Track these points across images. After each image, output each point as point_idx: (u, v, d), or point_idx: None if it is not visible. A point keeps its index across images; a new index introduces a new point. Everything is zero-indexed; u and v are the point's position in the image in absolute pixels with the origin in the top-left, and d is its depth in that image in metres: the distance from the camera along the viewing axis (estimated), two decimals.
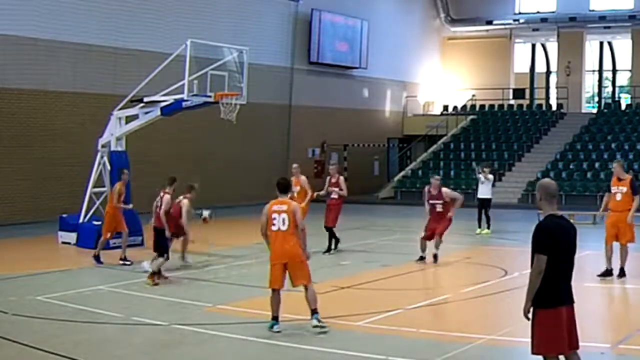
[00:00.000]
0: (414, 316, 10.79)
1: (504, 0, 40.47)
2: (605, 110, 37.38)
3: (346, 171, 34.73)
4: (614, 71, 43.33)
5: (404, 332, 9.71)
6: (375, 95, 37.97)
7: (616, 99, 41.27)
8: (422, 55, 40.77)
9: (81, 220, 18.13)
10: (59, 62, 23.79)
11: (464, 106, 40.12)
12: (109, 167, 18.28)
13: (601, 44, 42.16)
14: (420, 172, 34.32)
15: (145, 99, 18.07)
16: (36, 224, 21.89)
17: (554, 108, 38.76)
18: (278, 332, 9.57)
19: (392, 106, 39.29)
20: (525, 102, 40.03)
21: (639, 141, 32.64)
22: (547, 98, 42.35)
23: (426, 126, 37.64)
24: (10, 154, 22.77)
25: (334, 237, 16.98)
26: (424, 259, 15.38)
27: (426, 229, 15.55)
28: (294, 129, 33.05)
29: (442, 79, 41.96)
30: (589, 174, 31.22)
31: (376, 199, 33.16)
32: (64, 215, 18.72)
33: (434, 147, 36.40)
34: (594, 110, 39.34)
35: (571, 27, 38.63)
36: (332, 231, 16.90)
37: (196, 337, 9.61)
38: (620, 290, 13.05)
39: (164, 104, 17.74)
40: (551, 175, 31.22)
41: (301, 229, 9.73)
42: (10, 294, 12.21)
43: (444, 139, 36.67)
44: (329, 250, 16.80)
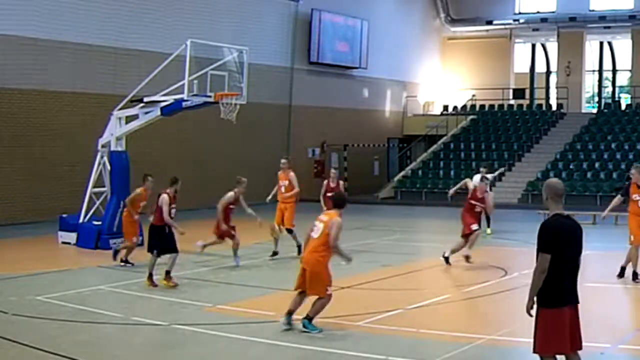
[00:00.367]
0: (414, 316, 10.78)
1: (504, 0, 40.47)
2: (605, 110, 37.38)
3: (346, 171, 34.76)
4: (614, 71, 43.32)
5: (404, 332, 9.71)
6: (375, 95, 37.97)
7: (616, 99, 41.26)
8: (422, 55, 40.77)
9: (81, 220, 18.13)
10: (59, 62, 23.77)
11: (464, 106, 40.12)
12: (109, 167, 18.28)
13: (601, 44, 42.15)
14: (420, 172, 34.33)
15: (145, 99, 18.06)
16: (36, 224, 21.88)
17: (554, 108, 38.76)
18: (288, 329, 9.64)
19: (392, 106, 39.29)
20: (525, 102, 40.04)
21: (639, 141, 32.64)
22: (547, 98, 42.34)
23: (426, 126, 37.64)
24: (10, 154, 22.77)
25: None
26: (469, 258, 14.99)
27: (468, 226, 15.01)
28: (294, 129, 33.04)
29: (442, 79, 41.96)
30: (589, 174, 31.23)
31: (376, 199, 33.16)
32: (64, 215, 18.71)
33: (434, 147, 36.41)
34: (594, 110, 39.33)
35: (571, 27, 38.63)
36: None
37: (196, 337, 9.60)
38: (620, 290, 13.04)
39: (164, 104, 17.73)
40: (551, 175, 31.24)
41: (332, 246, 9.64)
42: (10, 294, 12.21)
43: (444, 139, 36.67)
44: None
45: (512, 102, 40.02)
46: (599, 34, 39.70)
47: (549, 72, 43.27)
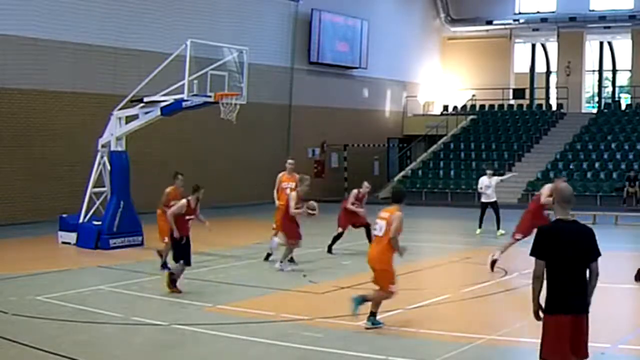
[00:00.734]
0: (414, 316, 10.78)
1: (504, 0, 40.48)
2: (605, 110, 37.39)
3: (346, 171, 34.78)
4: (614, 71, 43.31)
5: (404, 332, 9.71)
6: (375, 95, 37.97)
7: (616, 99, 41.27)
8: (422, 55, 40.77)
9: (81, 220, 18.12)
10: (59, 62, 23.78)
11: (464, 106, 40.13)
12: (109, 167, 18.27)
13: (601, 44, 42.15)
14: (420, 172, 34.35)
15: (145, 99, 18.05)
16: (36, 224, 21.88)
17: (554, 108, 38.77)
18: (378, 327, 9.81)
19: (392, 106, 39.29)
20: (525, 102, 40.04)
21: (639, 141, 32.65)
22: (547, 98, 42.35)
23: (426, 126, 37.64)
24: (10, 154, 22.77)
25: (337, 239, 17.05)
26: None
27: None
28: (294, 129, 33.04)
29: (442, 79, 41.96)
30: (589, 174, 31.23)
31: (376, 199, 33.12)
32: (64, 215, 18.70)
33: (434, 147, 36.42)
34: (594, 110, 39.34)
35: (571, 27, 38.63)
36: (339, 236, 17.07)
37: (196, 337, 9.60)
38: (620, 290, 13.04)
39: (164, 104, 17.72)
40: (551, 175, 31.25)
41: (392, 237, 9.79)
42: (10, 294, 12.20)
43: (444, 139, 36.69)
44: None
45: (512, 102, 40.02)
46: (599, 34, 39.71)
47: (549, 72, 43.27)
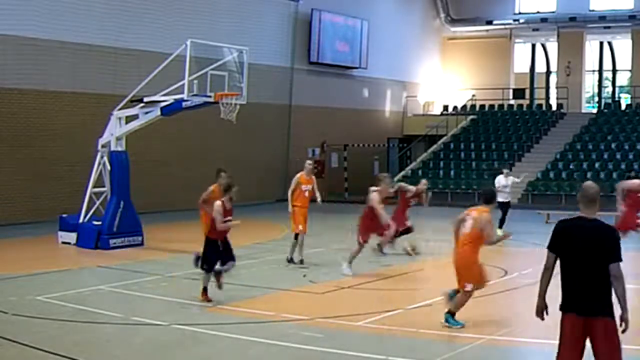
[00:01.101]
0: (414, 316, 10.79)
1: (504, 0, 40.47)
2: (605, 110, 37.39)
3: (346, 171, 34.77)
4: (614, 71, 43.31)
5: (404, 332, 9.71)
6: (375, 95, 37.97)
7: (616, 99, 41.26)
8: (422, 55, 40.76)
9: (81, 220, 18.11)
10: (59, 62, 23.78)
11: (464, 106, 40.13)
12: (109, 167, 18.27)
13: (601, 44, 42.14)
14: (420, 172, 34.31)
15: (145, 99, 18.05)
16: (36, 224, 21.87)
17: (554, 108, 38.76)
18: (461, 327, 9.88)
19: (392, 106, 39.29)
20: (525, 102, 40.04)
21: (639, 141, 32.64)
22: (547, 98, 42.34)
23: (426, 126, 37.64)
24: (10, 153, 22.77)
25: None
26: None
27: None
28: (294, 129, 33.04)
29: (442, 79, 41.95)
30: (589, 174, 31.20)
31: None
32: (64, 215, 18.70)
33: (434, 147, 36.41)
34: (594, 110, 39.33)
35: (571, 27, 38.62)
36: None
37: (196, 337, 9.60)
38: None
39: (164, 104, 17.72)
40: (551, 175, 31.26)
41: (490, 243, 10.14)
42: (10, 294, 12.20)
43: (444, 139, 36.68)
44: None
45: (512, 102, 40.02)
46: (599, 34, 39.70)
47: (549, 72, 43.27)
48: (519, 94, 40.09)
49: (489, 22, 40.51)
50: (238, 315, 10.75)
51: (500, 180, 20.95)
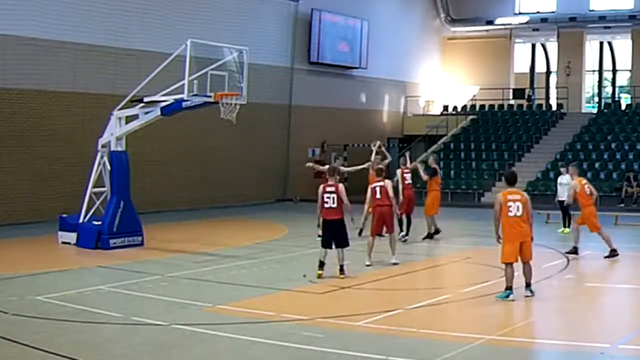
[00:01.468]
0: (414, 316, 10.78)
1: (504, 0, 40.48)
2: (605, 110, 37.38)
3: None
4: (614, 71, 43.32)
5: (404, 332, 9.70)
6: (375, 95, 37.97)
7: (616, 99, 41.26)
8: (422, 55, 40.77)
9: (81, 220, 18.11)
10: (59, 62, 23.78)
11: (464, 106, 40.13)
12: (109, 167, 18.27)
13: (601, 44, 42.15)
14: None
15: (145, 99, 18.05)
16: (36, 224, 21.88)
17: (554, 108, 38.77)
18: (513, 300, 11.00)
19: (391, 106, 39.29)
20: (525, 102, 40.03)
21: (639, 141, 32.63)
22: (547, 98, 42.35)
23: (426, 126, 37.64)
24: (10, 154, 22.77)
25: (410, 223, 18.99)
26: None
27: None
28: (294, 129, 33.04)
29: (442, 79, 41.96)
30: (589, 174, 31.15)
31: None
32: (64, 215, 18.70)
33: (434, 147, 36.41)
34: (594, 110, 39.34)
35: (571, 27, 38.63)
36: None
37: (196, 337, 9.60)
38: (620, 290, 13.05)
39: (164, 104, 17.72)
40: (551, 175, 31.23)
41: (531, 221, 11.77)
42: (10, 294, 12.20)
43: (444, 139, 36.69)
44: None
45: (512, 102, 40.02)
46: (599, 34, 39.70)
47: (549, 72, 43.28)
48: (519, 94, 40.10)
49: (489, 22, 40.52)
50: (238, 315, 10.75)
51: (567, 178, 20.72)
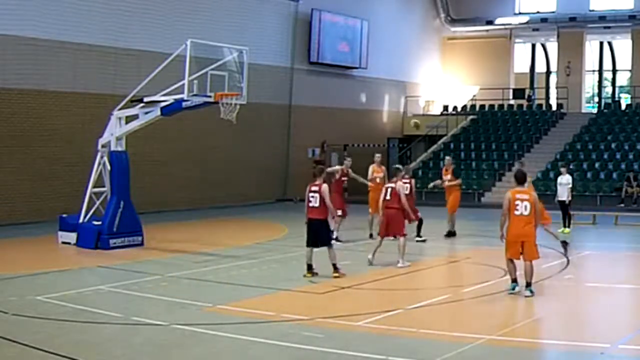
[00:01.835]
0: (414, 316, 10.78)
1: (504, 0, 40.48)
2: (605, 110, 37.39)
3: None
4: (614, 71, 43.32)
5: (404, 332, 9.71)
6: (375, 95, 37.97)
7: (616, 99, 41.27)
8: (422, 55, 40.77)
9: (81, 220, 18.11)
10: (59, 62, 23.77)
11: (464, 106, 40.13)
12: (109, 167, 18.27)
13: (601, 44, 42.16)
14: (420, 172, 34.31)
15: (145, 99, 18.04)
16: (36, 224, 21.88)
17: (554, 108, 38.78)
18: (518, 292, 11.48)
19: (391, 106, 39.29)
20: (525, 102, 40.04)
21: (639, 141, 32.65)
22: (547, 98, 42.35)
23: (426, 126, 37.64)
24: (10, 154, 22.77)
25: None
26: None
27: None
28: (294, 129, 33.04)
29: (442, 79, 41.96)
30: (589, 174, 31.23)
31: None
32: (64, 215, 18.70)
33: (434, 147, 36.42)
34: (594, 110, 39.34)
35: (571, 27, 38.63)
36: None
37: (196, 337, 9.60)
38: (620, 290, 13.05)
39: (164, 104, 17.71)
40: (551, 175, 31.24)
41: (539, 221, 12.06)
42: (10, 294, 12.20)
43: (444, 139, 36.69)
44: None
45: (512, 102, 40.03)
46: (599, 34, 39.71)
47: (549, 72, 43.28)
48: (519, 94, 40.10)
49: (489, 22, 40.53)
50: (238, 315, 10.75)
51: (568, 178, 20.63)
